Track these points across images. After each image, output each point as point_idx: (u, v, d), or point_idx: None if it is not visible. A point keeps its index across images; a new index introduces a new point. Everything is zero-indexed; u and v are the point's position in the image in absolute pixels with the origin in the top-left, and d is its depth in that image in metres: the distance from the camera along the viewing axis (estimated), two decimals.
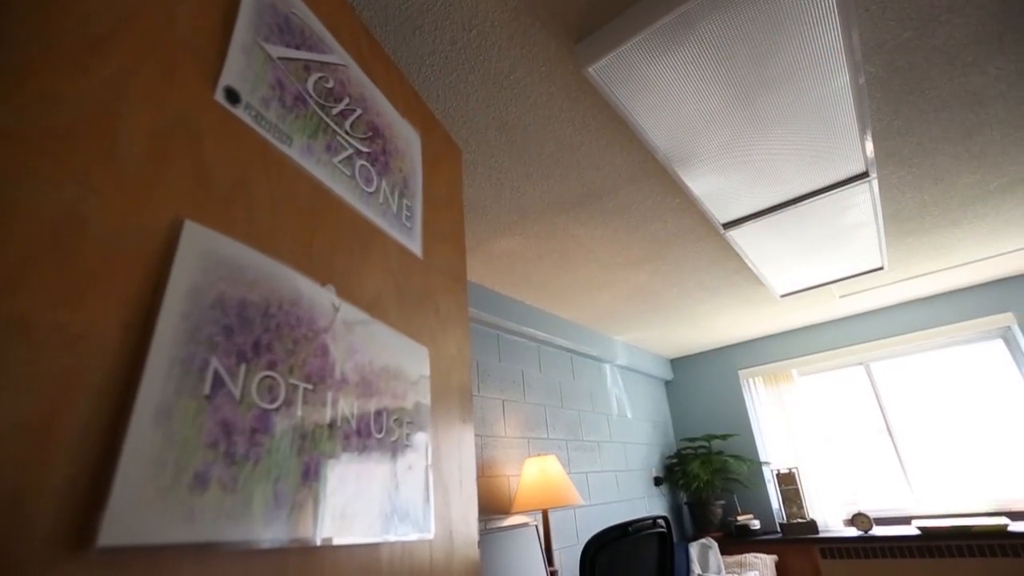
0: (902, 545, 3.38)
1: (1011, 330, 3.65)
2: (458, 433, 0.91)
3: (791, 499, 3.92)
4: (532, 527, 2.51)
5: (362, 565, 0.59)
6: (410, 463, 0.70)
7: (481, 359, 2.91)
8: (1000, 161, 2.19)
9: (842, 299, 3.76)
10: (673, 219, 2.38)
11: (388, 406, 0.68)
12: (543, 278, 2.89)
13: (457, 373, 0.96)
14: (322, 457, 0.53)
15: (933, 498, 3.69)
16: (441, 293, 0.95)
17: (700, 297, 3.42)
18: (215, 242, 0.46)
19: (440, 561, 0.77)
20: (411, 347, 0.78)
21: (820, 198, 2.19)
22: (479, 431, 2.72)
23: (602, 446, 3.70)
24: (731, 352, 4.71)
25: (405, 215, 0.86)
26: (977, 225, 2.77)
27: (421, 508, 0.71)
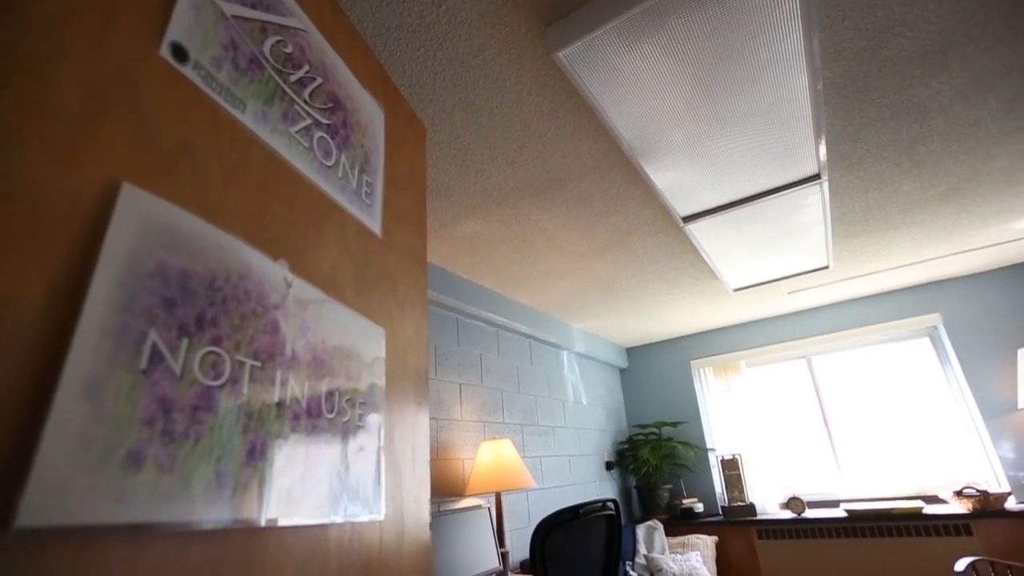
0: (831, 526, 3.61)
1: (937, 329, 3.93)
2: (413, 415, 0.90)
3: (733, 484, 4.12)
4: (485, 509, 2.54)
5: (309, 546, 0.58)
6: (362, 444, 0.69)
7: (439, 342, 2.90)
8: (937, 171, 2.32)
9: (790, 295, 3.93)
10: (635, 210, 2.42)
11: (341, 386, 0.66)
12: (505, 263, 2.89)
13: (414, 355, 0.95)
14: (269, 437, 0.51)
15: (860, 483, 3.95)
16: (400, 273, 0.93)
17: (657, 288, 3.50)
18: (157, 208, 0.44)
19: (390, 542, 0.76)
20: (367, 327, 0.76)
21: (775, 197, 2.27)
22: (435, 414, 2.71)
23: (557, 431, 3.76)
24: (684, 343, 4.86)
25: (365, 192, 0.84)
26: (914, 231, 2.94)
27: (372, 489, 0.70)
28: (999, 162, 2.29)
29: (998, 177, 2.43)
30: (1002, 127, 2.04)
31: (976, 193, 2.56)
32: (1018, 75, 1.76)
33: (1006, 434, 3.48)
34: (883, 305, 4.09)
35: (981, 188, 2.52)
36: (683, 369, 4.81)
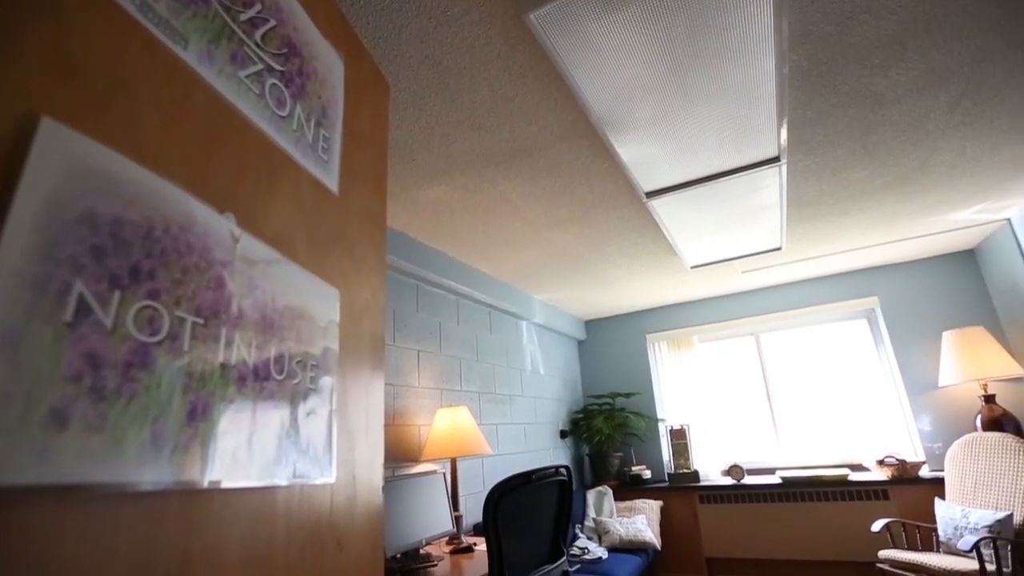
0: (766, 492, 3.86)
1: (874, 312, 4.17)
2: (367, 380, 0.88)
3: (680, 452, 4.32)
4: (440, 475, 2.58)
5: (256, 509, 0.57)
6: (313, 408, 0.68)
7: (398, 308, 2.86)
8: (887, 161, 2.42)
9: (744, 274, 4.07)
10: (599, 183, 2.42)
11: (291, 348, 0.64)
12: (467, 232, 2.86)
13: (370, 319, 0.93)
14: (212, 397, 0.49)
15: (796, 453, 4.22)
16: (357, 234, 0.90)
17: (618, 263, 3.55)
18: (84, 148, 0.40)
19: (341, 505, 0.76)
20: (320, 288, 0.74)
21: (736, 177, 2.31)
22: (392, 380, 2.70)
23: (514, 400, 3.82)
24: (641, 317, 4.98)
25: (322, 147, 0.80)
26: (861, 217, 3.08)
27: (323, 453, 0.69)
28: (943, 155, 2.41)
29: (941, 170, 2.56)
30: (949, 121, 2.13)
31: (920, 184, 2.69)
32: (968, 71, 1.83)
33: (926, 409, 3.77)
34: (827, 287, 4.30)
35: (925, 180, 2.65)
36: (639, 342, 4.95)
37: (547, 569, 1.82)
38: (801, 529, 3.70)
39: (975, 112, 2.08)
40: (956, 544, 2.82)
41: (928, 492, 3.47)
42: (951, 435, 3.65)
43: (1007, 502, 2.74)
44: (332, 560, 0.73)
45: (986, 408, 3.35)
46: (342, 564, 0.75)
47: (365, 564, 0.82)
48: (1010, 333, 3.58)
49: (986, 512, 2.72)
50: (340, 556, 0.75)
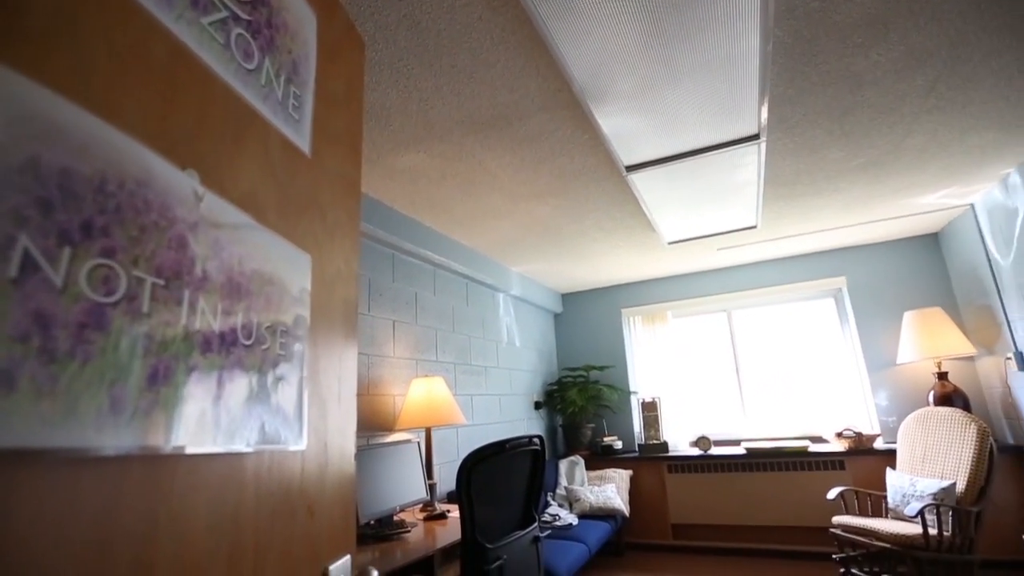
0: (731, 462, 4.01)
1: (841, 291, 4.30)
2: (340, 348, 0.87)
3: (651, 424, 4.44)
4: (414, 444, 2.60)
5: (224, 475, 0.56)
6: (283, 374, 0.66)
7: (374, 278, 2.83)
8: (862, 143, 2.45)
9: (719, 252, 4.13)
10: (580, 156, 2.40)
11: (260, 313, 0.62)
12: (445, 201, 2.81)
13: (343, 287, 0.91)
14: (175, 361, 0.47)
15: (761, 425, 4.38)
16: (330, 199, 0.87)
17: (596, 237, 3.56)
18: (25, 90, 0.37)
19: (312, 472, 0.75)
20: (291, 253, 0.71)
21: (716, 153, 2.32)
22: (367, 350, 2.68)
23: (489, 371, 3.85)
24: (617, 291, 5.04)
25: (292, 105, 0.76)
26: (835, 198, 3.13)
27: (293, 420, 0.68)
28: (915, 139, 2.45)
29: (912, 153, 2.60)
30: (923, 105, 2.16)
31: (892, 167, 2.75)
32: (945, 55, 1.85)
33: (883, 385, 3.94)
34: (798, 267, 4.40)
35: (897, 163, 2.70)
36: (614, 316, 5.01)
37: (519, 535, 1.87)
38: (762, 497, 3.87)
39: (948, 97, 2.11)
40: (903, 511, 2.99)
41: (881, 462, 3.66)
42: (905, 410, 3.83)
43: (952, 472, 2.91)
44: (303, 526, 0.73)
45: (939, 384, 3.52)
46: (313, 530, 0.75)
47: (337, 530, 0.82)
48: (965, 315, 3.74)
49: (932, 481, 2.89)
50: (311, 522, 0.75)
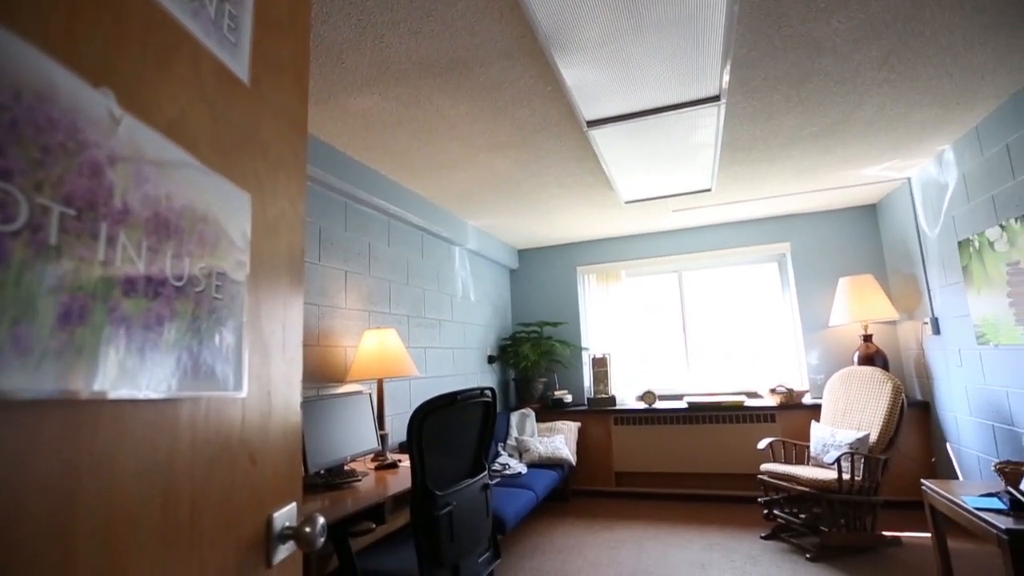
0: (674, 415, 4.24)
1: (785, 256, 4.50)
2: (284, 294, 0.83)
3: (600, 379, 4.60)
4: (366, 395, 2.59)
5: (154, 422, 0.53)
6: (220, 318, 0.63)
7: (324, 226, 2.72)
8: (816, 111, 2.51)
9: (674, 213, 4.21)
10: (541, 108, 2.34)
11: (193, 253, 0.58)
12: (401, 148, 2.71)
13: (288, 230, 0.86)
14: (92, 300, 0.43)
15: (703, 381, 4.62)
16: (273, 134, 0.81)
17: (555, 193, 3.54)
18: None
19: (254, 420, 0.73)
20: (228, 190, 0.66)
21: (676, 113, 2.31)
22: (318, 300, 2.61)
23: (443, 324, 3.85)
24: (573, 249, 5.08)
25: (228, 26, 0.69)
26: (786, 165, 3.22)
27: (232, 366, 0.65)
28: (865, 111, 2.53)
29: (860, 125, 2.69)
30: (875, 77, 2.22)
31: (841, 137, 2.83)
32: (900, 27, 1.89)
33: (816, 345, 4.22)
34: (747, 231, 4.55)
35: (846, 133, 2.78)
36: (569, 274, 5.07)
37: (468, 483, 1.92)
38: (700, 447, 4.14)
39: (899, 70, 2.17)
40: (823, 459, 3.27)
41: (807, 416, 3.95)
42: (833, 368, 4.13)
43: (867, 424, 3.18)
44: (245, 474, 0.71)
45: (863, 346, 3.79)
46: (256, 478, 0.74)
47: (282, 478, 0.81)
48: (893, 282, 4.00)
49: (850, 432, 3.15)
50: (254, 470, 0.74)
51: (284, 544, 0.78)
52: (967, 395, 3.10)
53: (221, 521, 0.65)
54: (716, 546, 3.15)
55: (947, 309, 3.24)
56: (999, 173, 2.60)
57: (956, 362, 3.19)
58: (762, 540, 3.21)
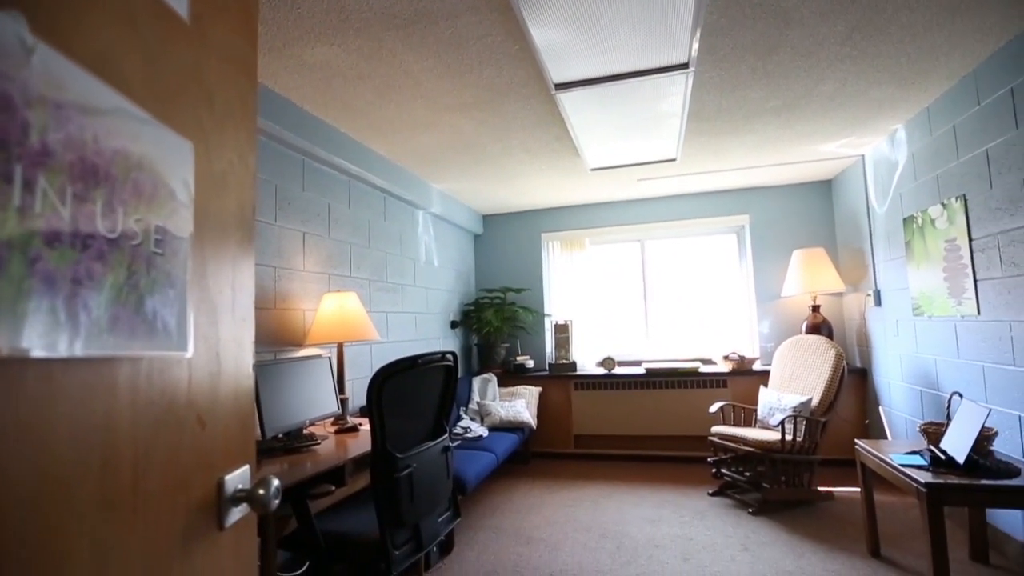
0: (632, 380, 4.37)
1: (744, 228, 4.62)
2: (234, 252, 0.79)
3: (562, 345, 4.67)
4: (325, 359, 2.55)
5: (88, 382, 0.50)
6: (161, 274, 0.59)
7: (281, 184, 2.60)
8: (780, 84, 2.53)
9: (640, 182, 4.23)
10: (509, 68, 2.27)
11: (127, 202, 0.54)
12: (362, 105, 2.59)
13: (237, 185, 0.81)
14: (6, 248, 0.40)
15: (661, 348, 4.77)
16: (218, 80, 0.75)
17: (521, 158, 3.49)
18: None
19: (202, 381, 0.70)
20: (166, 137, 0.61)
21: (645, 79, 2.29)
22: (275, 262, 2.52)
23: (405, 289, 3.80)
24: (538, 216, 5.06)
25: None
26: (749, 138, 3.27)
27: (175, 325, 0.62)
28: (826, 86, 2.57)
29: (821, 101, 2.74)
30: (839, 52, 2.25)
31: (802, 112, 2.88)
32: (865, 2, 1.91)
33: (768, 315, 4.40)
34: (709, 203, 4.64)
35: (807, 108, 2.83)
36: (534, 240, 5.07)
37: (429, 445, 1.93)
38: (656, 411, 4.30)
39: (861, 47, 2.20)
40: (768, 421, 3.45)
41: (757, 381, 4.15)
42: (782, 337, 4.33)
43: (810, 389, 3.37)
44: (193, 436, 0.69)
45: (811, 316, 3.98)
46: (206, 440, 0.72)
47: (233, 441, 0.79)
48: (842, 255, 4.18)
49: (794, 396, 3.33)
50: (202, 433, 0.71)
51: (237, 507, 0.76)
52: (900, 363, 3.31)
53: (168, 484, 0.63)
54: (667, 503, 3.32)
55: (889, 282, 3.42)
56: (945, 153, 2.72)
57: (893, 332, 3.39)
58: (709, 497, 3.40)
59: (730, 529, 2.88)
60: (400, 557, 1.77)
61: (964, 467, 2.04)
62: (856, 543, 2.64)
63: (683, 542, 2.73)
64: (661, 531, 2.88)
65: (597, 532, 2.90)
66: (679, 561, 2.52)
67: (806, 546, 2.63)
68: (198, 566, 0.67)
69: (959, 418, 2.16)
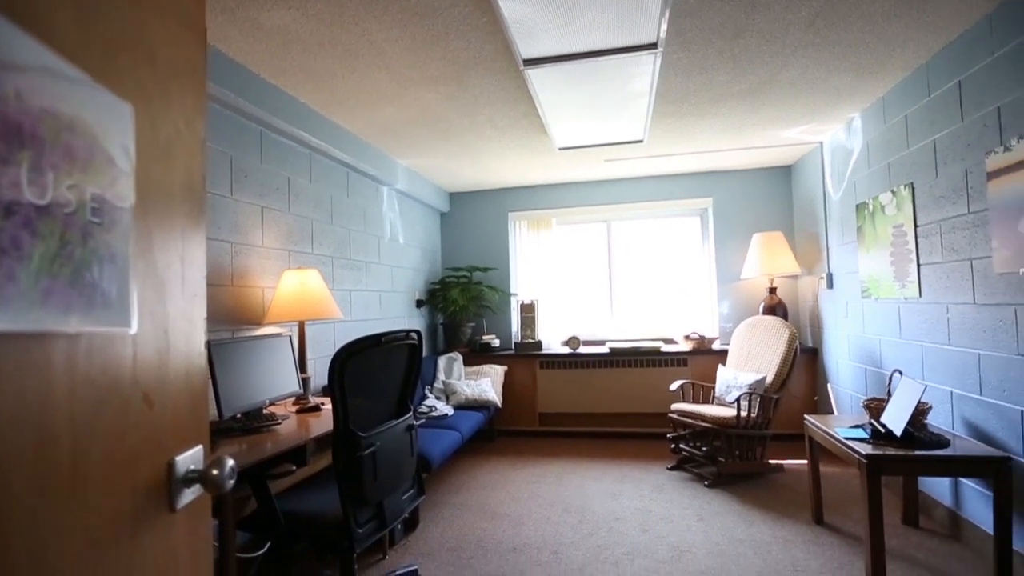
0: (596, 359, 4.45)
1: (707, 211, 4.71)
2: (183, 225, 0.75)
3: (528, 324, 4.70)
4: (286, 338, 2.48)
5: (15, 358, 0.47)
6: (99, 245, 0.55)
7: (237, 156, 2.49)
8: (746, 69, 2.56)
9: (606, 163, 4.24)
10: (477, 41, 2.22)
11: (59, 167, 0.50)
12: (324, 75, 2.49)
13: (185, 153, 0.77)
14: None
15: (624, 328, 4.86)
16: (160, 37, 0.70)
17: (489, 135, 3.44)
18: None
19: (149, 359, 0.67)
20: (101, 97, 0.57)
21: (614, 58, 2.28)
22: (231, 237, 2.42)
23: (370, 267, 3.73)
24: (505, 195, 5.03)
25: None
26: (715, 121, 3.31)
27: (116, 300, 0.58)
28: (789, 72, 2.62)
29: (784, 87, 2.79)
30: (802, 39, 2.28)
31: (766, 97, 2.94)
32: None
33: (728, 296, 4.53)
34: (674, 185, 4.70)
35: (770, 94, 2.89)
36: (501, 219, 5.04)
37: (392, 424, 1.92)
38: (619, 389, 4.40)
39: (823, 34, 2.25)
40: (725, 398, 3.59)
41: (715, 360, 4.29)
42: (741, 317, 4.47)
43: (765, 367, 3.51)
44: (140, 416, 0.66)
45: (768, 297, 4.12)
46: (154, 420, 0.69)
47: (185, 421, 0.76)
48: (798, 240, 4.33)
49: (750, 374, 3.47)
50: (150, 412, 0.68)
51: (189, 488, 0.74)
52: (848, 342, 3.48)
53: (112, 466, 0.60)
54: (627, 477, 3.42)
55: (841, 266, 3.57)
56: (897, 142, 2.82)
57: (843, 313, 3.55)
58: (668, 471, 3.53)
59: (687, 501, 3.00)
60: (363, 535, 1.77)
61: (901, 439, 2.18)
62: (802, 511, 2.80)
63: (642, 514, 2.83)
64: (622, 504, 2.98)
65: (560, 506, 2.97)
66: (638, 532, 2.61)
67: (756, 515, 2.77)
68: (147, 548, 0.65)
69: (898, 394, 2.29)
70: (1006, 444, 2.11)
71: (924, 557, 2.28)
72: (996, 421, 2.17)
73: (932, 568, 2.19)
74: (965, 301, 2.32)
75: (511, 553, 2.44)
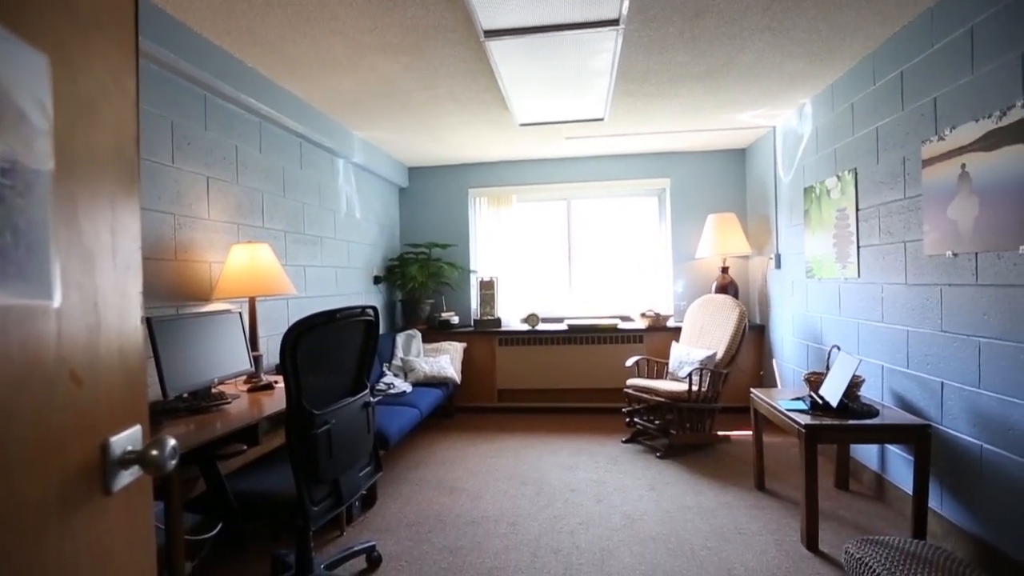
0: (555, 336, 4.51)
1: (665, 191, 4.80)
2: (112, 192, 0.70)
3: (487, 301, 4.70)
4: (236, 315, 2.39)
5: None
6: (13, 210, 0.51)
7: (179, 122, 2.34)
8: (705, 50, 2.59)
9: (567, 140, 4.23)
10: (436, 8, 2.14)
11: None
12: (272, 37, 2.36)
13: (113, 114, 0.71)
14: None
15: (582, 305, 4.93)
16: None
17: (449, 108, 3.36)
18: None
19: (76, 335, 0.63)
20: (8, 45, 0.52)
21: (576, 33, 2.25)
22: (173, 209, 2.29)
23: (325, 242, 3.62)
24: (466, 170, 4.96)
25: None
26: (674, 102, 3.34)
27: (33, 270, 0.54)
28: (746, 56, 2.66)
29: (740, 70, 2.84)
30: (759, 23, 2.32)
31: (723, 80, 2.98)
32: None
33: (683, 275, 4.66)
34: (633, 165, 4.75)
35: (727, 77, 2.93)
36: (461, 195, 4.98)
37: (348, 401, 1.89)
38: (577, 365, 4.48)
39: (780, 18, 2.29)
40: (678, 373, 3.72)
41: (670, 337, 4.43)
42: (695, 296, 4.62)
43: (716, 344, 3.65)
44: (67, 395, 0.62)
45: (721, 277, 4.26)
46: (84, 400, 0.65)
47: (120, 400, 0.72)
48: (750, 221, 4.48)
49: (702, 351, 3.60)
50: (79, 391, 0.64)
51: (127, 470, 0.71)
52: (793, 320, 3.66)
53: (36, 448, 0.56)
54: (583, 451, 3.52)
55: (789, 247, 3.72)
56: (843, 129, 2.94)
57: (789, 292, 3.72)
58: (623, 444, 3.65)
59: (640, 472, 3.12)
60: (318, 513, 1.75)
61: (836, 410, 2.32)
62: (746, 479, 2.96)
63: (597, 485, 2.93)
64: (577, 476, 3.06)
65: (518, 480, 3.03)
66: (593, 503, 2.70)
67: (704, 483, 2.91)
68: (79, 533, 0.62)
69: (835, 368, 2.43)
70: (927, 413, 2.28)
71: (852, 517, 2.46)
72: (919, 392, 2.34)
73: (859, 526, 2.37)
74: (898, 281, 2.46)
75: (469, 526, 2.48)
